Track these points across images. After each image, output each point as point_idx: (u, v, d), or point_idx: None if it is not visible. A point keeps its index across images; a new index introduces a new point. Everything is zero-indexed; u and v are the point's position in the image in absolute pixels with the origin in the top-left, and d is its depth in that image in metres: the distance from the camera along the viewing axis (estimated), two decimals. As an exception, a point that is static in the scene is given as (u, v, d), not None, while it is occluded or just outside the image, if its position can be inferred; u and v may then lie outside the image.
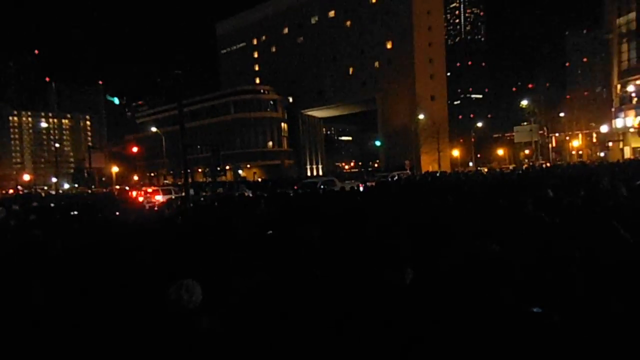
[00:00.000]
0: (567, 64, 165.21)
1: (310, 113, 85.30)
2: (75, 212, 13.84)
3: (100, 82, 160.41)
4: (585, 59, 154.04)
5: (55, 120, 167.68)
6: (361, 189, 16.07)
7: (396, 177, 22.41)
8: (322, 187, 21.92)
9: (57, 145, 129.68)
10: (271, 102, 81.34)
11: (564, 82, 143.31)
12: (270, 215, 6.84)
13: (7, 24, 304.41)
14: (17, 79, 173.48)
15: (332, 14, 79.38)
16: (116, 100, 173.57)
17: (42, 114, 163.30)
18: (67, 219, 10.09)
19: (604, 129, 47.50)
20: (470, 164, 67.08)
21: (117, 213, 11.93)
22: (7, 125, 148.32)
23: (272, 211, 7.29)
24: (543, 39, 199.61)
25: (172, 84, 14.94)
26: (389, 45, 72.42)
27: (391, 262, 3.25)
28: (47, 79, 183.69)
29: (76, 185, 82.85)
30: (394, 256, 3.47)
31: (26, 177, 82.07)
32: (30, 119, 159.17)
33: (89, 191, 47.54)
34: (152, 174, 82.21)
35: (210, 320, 2.65)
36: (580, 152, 61.15)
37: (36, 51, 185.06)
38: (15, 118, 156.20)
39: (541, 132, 53.98)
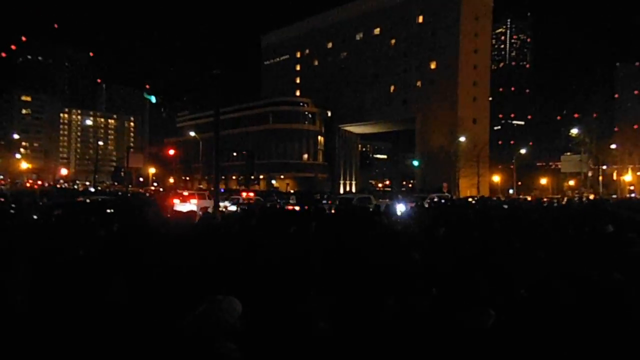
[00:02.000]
0: (616, 96, 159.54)
1: (347, 128, 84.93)
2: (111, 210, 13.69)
3: (147, 86, 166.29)
4: (636, 92, 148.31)
5: (102, 119, 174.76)
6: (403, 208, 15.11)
7: (435, 199, 21.39)
8: (357, 203, 21.16)
9: (100, 143, 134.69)
10: (309, 115, 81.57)
11: (611, 114, 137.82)
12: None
13: (65, 25, 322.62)
14: (70, 78, 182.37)
15: (377, 31, 79.26)
16: (153, 99, 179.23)
17: (91, 112, 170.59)
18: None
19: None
20: (511, 191, 64.55)
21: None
22: (58, 121, 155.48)
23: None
24: (590, 69, 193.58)
25: (211, 83, 14.63)
26: (432, 66, 71.43)
27: (469, 303, 2.84)
28: (99, 81, 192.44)
29: (116, 183, 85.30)
30: (472, 296, 2.99)
31: (64, 172, 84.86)
32: (79, 117, 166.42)
33: (122, 190, 48.41)
34: (187, 178, 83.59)
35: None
36: (632, 187, 57.75)
37: (91, 53, 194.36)
38: (66, 115, 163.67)
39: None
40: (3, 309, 3.09)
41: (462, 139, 57.24)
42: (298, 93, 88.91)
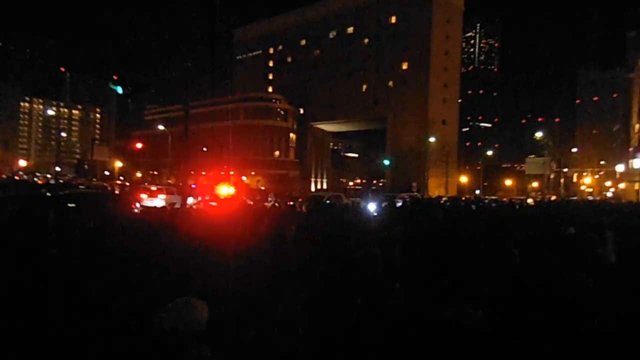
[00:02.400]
0: (577, 101, 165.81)
1: (319, 126, 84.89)
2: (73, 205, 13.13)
3: (115, 77, 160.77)
4: (596, 98, 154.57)
5: (66, 110, 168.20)
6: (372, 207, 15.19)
7: (407, 198, 21.56)
8: (327, 202, 21.15)
9: (63, 134, 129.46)
10: (281, 112, 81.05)
11: (573, 119, 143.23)
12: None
13: (28, 10, 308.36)
14: (32, 65, 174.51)
15: (350, 30, 79.45)
16: (120, 89, 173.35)
17: (54, 102, 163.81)
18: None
19: (619, 168, 46.64)
20: (477, 191, 66.22)
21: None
22: (17, 110, 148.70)
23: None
24: (555, 74, 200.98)
25: (181, 76, 14.11)
26: (404, 66, 72.23)
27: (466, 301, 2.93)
28: (63, 69, 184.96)
29: (79, 177, 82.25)
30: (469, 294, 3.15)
31: (22, 163, 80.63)
32: (41, 106, 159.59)
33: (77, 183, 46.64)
34: (155, 172, 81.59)
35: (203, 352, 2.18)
36: (591, 189, 60.32)
37: (55, 40, 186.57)
38: (27, 104, 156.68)
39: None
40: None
41: (432, 139, 58.26)
42: (270, 89, 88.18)
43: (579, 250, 4.89)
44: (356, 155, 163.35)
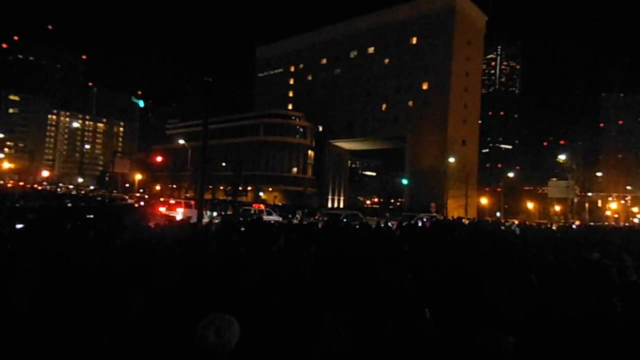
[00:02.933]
0: (601, 125, 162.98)
1: (338, 144, 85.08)
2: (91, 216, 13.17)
3: (140, 92, 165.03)
4: (620, 122, 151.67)
5: (91, 123, 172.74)
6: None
7: (425, 219, 21.17)
8: (344, 220, 20.84)
9: (87, 146, 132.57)
10: (301, 129, 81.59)
11: (596, 142, 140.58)
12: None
13: (59, 26, 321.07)
14: (61, 80, 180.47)
15: (371, 50, 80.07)
16: (141, 103, 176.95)
17: (80, 115, 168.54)
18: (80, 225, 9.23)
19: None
20: (498, 214, 64.90)
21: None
22: (45, 122, 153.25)
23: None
24: (577, 97, 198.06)
25: (202, 91, 14.28)
26: (425, 86, 72.19)
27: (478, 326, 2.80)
28: (90, 84, 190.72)
29: (101, 188, 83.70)
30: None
31: (45, 174, 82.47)
32: (67, 119, 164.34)
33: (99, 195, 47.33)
34: (175, 186, 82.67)
35: None
36: (617, 216, 58.56)
37: (84, 56, 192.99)
38: (54, 117, 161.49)
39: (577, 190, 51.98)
40: (4, 313, 3.01)
41: (452, 159, 57.58)
42: (290, 107, 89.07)
43: (602, 275, 4.64)
44: (374, 174, 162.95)
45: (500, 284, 4.12)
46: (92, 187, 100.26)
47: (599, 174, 60.62)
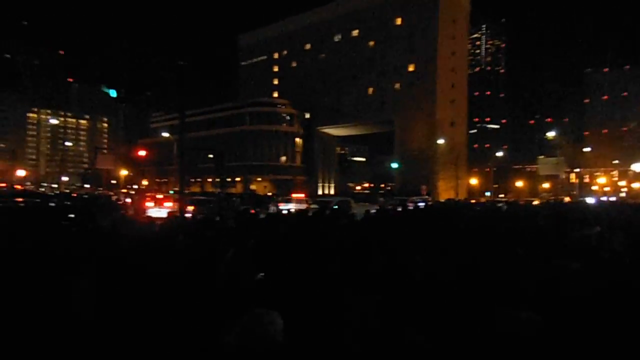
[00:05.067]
0: (586, 101, 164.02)
1: (326, 130, 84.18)
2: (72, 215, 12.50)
3: (109, 82, 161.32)
4: (605, 97, 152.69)
5: (74, 120, 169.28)
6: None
7: (419, 203, 20.62)
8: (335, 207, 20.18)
9: (68, 144, 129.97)
10: (287, 117, 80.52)
11: (582, 119, 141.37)
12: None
13: (35, 22, 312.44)
14: (40, 77, 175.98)
15: (355, 33, 78.83)
16: (113, 93, 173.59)
17: (61, 112, 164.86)
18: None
19: (636, 167, 45.16)
20: (488, 193, 64.98)
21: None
22: (25, 121, 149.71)
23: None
24: (562, 74, 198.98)
25: (176, 77, 13.40)
26: (411, 68, 71.36)
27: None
28: (70, 80, 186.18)
29: (87, 186, 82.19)
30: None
31: (21, 173, 79.75)
32: (49, 117, 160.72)
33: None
34: (164, 180, 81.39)
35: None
36: (607, 189, 58.91)
37: (61, 51, 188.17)
38: (35, 115, 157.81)
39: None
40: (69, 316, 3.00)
41: (441, 141, 57.24)
42: (276, 94, 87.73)
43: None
44: (363, 159, 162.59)
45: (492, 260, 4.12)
46: (78, 185, 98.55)
47: (586, 149, 60.75)
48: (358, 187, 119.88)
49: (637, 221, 8.80)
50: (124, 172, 73.75)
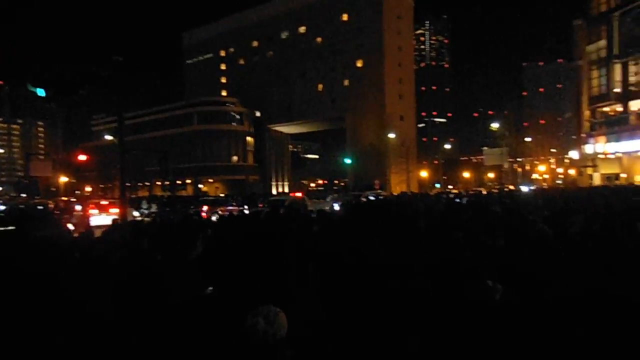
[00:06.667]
0: (524, 93, 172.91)
1: (277, 128, 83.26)
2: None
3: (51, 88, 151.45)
4: (541, 89, 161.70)
5: (5, 125, 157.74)
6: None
7: (371, 197, 20.65)
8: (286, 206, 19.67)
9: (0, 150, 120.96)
10: (237, 115, 78.83)
11: (521, 110, 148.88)
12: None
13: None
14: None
15: (302, 29, 78.36)
16: (40, 92, 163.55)
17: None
18: None
19: (574, 154, 47.88)
20: (437, 185, 66.81)
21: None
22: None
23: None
24: (502, 68, 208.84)
25: (112, 74, 12.34)
26: (359, 64, 71.89)
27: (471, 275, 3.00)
28: (1, 82, 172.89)
29: (23, 195, 76.65)
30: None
31: None
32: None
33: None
34: (109, 185, 77.40)
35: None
36: (546, 177, 62.20)
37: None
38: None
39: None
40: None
41: (392, 135, 58.09)
42: (225, 93, 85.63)
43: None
44: (316, 156, 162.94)
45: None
46: (12, 195, 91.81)
47: (527, 139, 63.80)
48: (312, 185, 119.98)
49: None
50: (64, 179, 69.52)
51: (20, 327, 2.96)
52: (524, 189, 37.54)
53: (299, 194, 31.70)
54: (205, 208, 25.10)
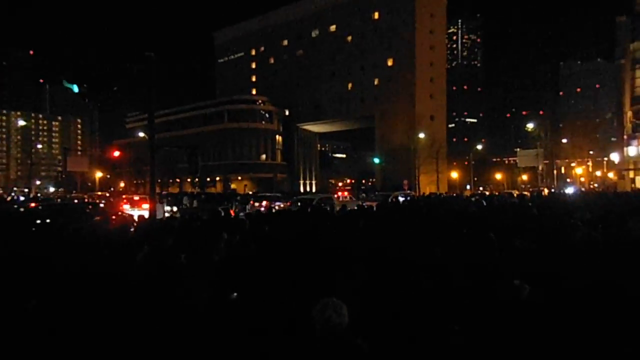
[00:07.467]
0: (561, 93, 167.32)
1: (306, 127, 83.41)
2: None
3: (70, 78, 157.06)
4: (578, 89, 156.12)
5: (45, 121, 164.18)
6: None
7: (403, 198, 20.24)
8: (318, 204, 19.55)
9: (39, 146, 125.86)
10: (266, 114, 79.42)
11: (557, 111, 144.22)
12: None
13: (2, 23, 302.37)
14: (9, 78, 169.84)
15: (333, 28, 78.17)
16: (75, 88, 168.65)
17: (32, 114, 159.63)
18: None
19: (615, 157, 45.77)
20: (468, 187, 65.35)
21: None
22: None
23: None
24: (537, 68, 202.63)
25: (144, 70, 12.46)
26: (390, 63, 71.14)
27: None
28: (42, 81, 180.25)
29: (60, 189, 79.59)
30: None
31: None
32: (18, 118, 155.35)
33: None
34: (139, 181, 79.40)
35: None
36: (582, 180, 59.94)
37: (31, 52, 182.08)
38: (3, 117, 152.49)
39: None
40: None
41: (422, 135, 57.16)
42: (254, 91, 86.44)
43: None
44: (344, 155, 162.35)
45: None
46: (52, 189, 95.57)
47: (564, 140, 61.61)
48: (340, 184, 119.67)
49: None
50: (99, 175, 71.74)
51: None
52: (569, 190, 36.20)
53: (345, 193, 32.06)
54: (264, 203, 26.45)
